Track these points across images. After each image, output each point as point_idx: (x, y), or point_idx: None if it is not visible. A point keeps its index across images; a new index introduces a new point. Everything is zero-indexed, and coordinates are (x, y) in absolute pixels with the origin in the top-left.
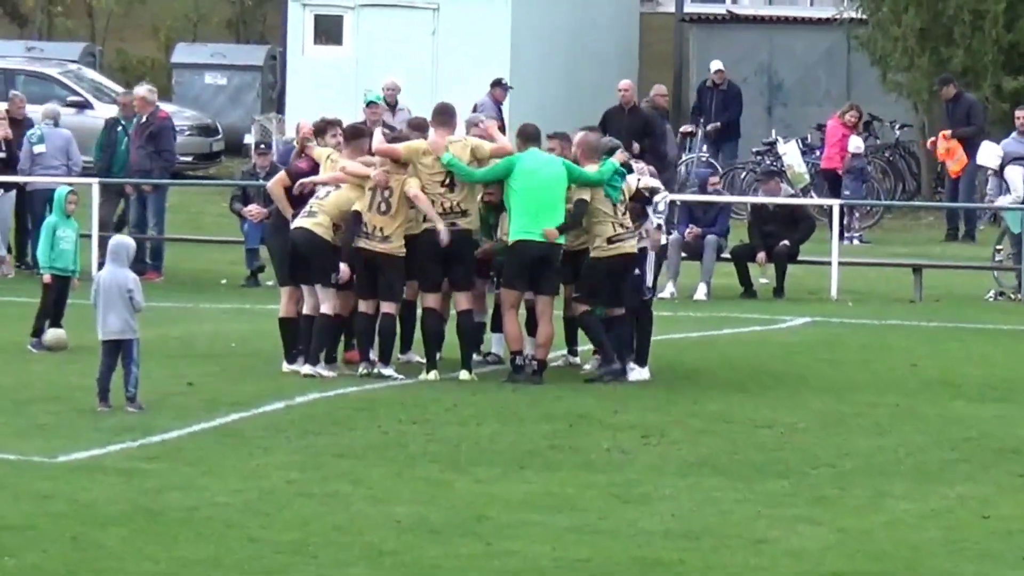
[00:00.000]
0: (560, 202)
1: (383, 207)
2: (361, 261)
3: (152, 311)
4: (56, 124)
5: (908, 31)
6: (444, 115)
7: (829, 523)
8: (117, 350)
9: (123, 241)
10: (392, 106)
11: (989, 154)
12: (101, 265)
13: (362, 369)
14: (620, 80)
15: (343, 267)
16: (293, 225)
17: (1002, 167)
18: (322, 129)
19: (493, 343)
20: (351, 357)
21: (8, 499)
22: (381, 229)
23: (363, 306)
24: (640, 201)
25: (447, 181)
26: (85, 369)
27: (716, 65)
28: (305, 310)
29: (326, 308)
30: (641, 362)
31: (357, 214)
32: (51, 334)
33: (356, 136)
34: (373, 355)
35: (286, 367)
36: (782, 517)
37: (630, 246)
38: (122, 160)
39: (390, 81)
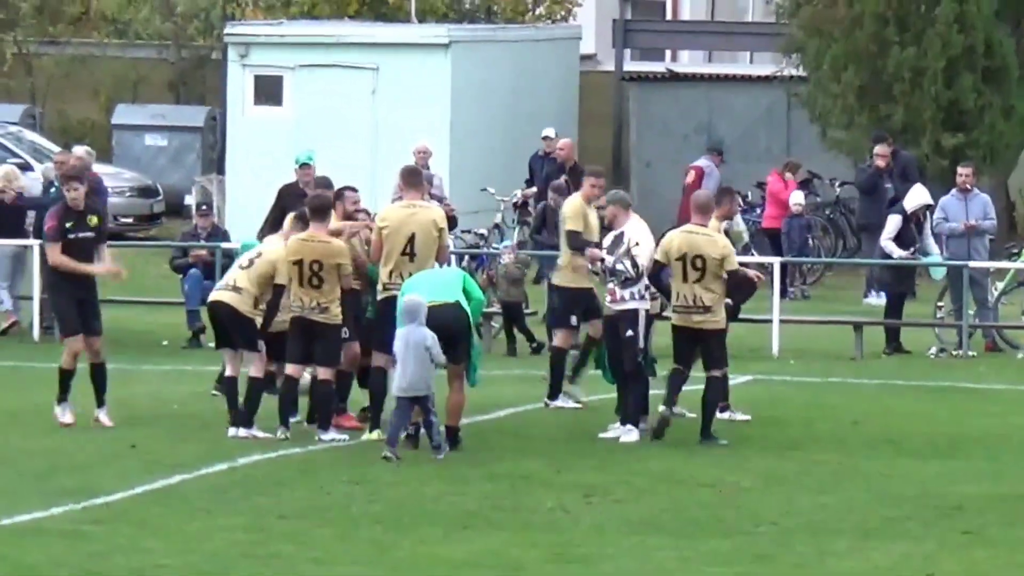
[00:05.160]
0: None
1: (315, 281)
2: (297, 327)
3: None
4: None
5: (848, 89)
6: (413, 176)
7: None
8: (411, 404)
9: (415, 300)
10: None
11: (920, 197)
12: (45, 329)
13: (280, 434)
14: (560, 140)
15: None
16: (212, 297)
17: (916, 215)
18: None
19: None
20: (343, 423)
21: None
22: (317, 302)
23: (291, 370)
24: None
25: (407, 250)
26: (29, 432)
27: (548, 132)
28: (229, 372)
29: (254, 371)
30: (634, 422)
31: (279, 288)
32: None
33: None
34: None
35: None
36: None
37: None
38: None
39: (422, 144)
